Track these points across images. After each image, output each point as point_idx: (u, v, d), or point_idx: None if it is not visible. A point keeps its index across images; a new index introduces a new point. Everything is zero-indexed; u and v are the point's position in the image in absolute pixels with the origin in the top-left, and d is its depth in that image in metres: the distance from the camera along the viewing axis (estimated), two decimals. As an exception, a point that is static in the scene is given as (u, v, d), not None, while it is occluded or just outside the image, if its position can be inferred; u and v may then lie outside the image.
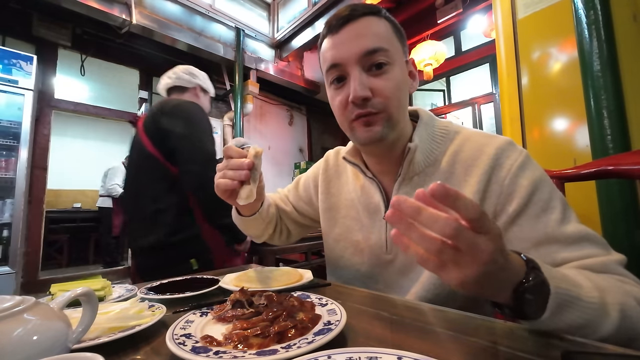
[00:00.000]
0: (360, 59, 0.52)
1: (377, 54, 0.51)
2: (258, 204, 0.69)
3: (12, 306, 0.31)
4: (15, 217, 2.54)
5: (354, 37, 0.52)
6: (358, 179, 0.68)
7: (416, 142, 0.56)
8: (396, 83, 0.53)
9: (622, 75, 0.96)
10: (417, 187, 0.57)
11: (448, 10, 3.25)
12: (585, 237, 0.45)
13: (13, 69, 2.64)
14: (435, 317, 0.44)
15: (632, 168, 0.61)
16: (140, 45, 3.91)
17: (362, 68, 0.52)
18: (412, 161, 0.57)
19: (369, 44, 0.51)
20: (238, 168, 0.53)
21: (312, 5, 3.55)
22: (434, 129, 0.60)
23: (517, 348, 0.33)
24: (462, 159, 0.55)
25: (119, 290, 0.65)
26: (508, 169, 0.51)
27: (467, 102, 3.99)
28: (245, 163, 0.53)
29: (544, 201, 0.48)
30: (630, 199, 0.90)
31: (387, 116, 0.53)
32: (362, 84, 0.51)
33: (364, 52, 0.51)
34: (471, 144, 0.56)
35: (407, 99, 0.57)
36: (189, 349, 0.34)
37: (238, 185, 0.54)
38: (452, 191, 0.27)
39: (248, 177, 0.53)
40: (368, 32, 0.52)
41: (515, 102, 1.28)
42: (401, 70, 0.55)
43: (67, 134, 5.28)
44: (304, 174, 0.84)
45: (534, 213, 0.48)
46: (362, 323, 0.42)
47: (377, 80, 0.52)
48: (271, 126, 4.74)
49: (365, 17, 0.53)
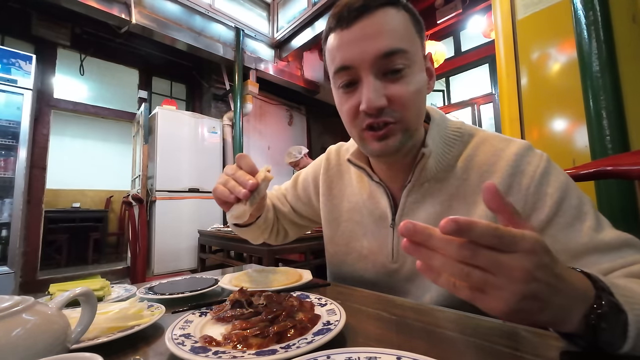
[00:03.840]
0: (375, 62, 0.45)
1: (396, 56, 0.44)
2: (255, 216, 0.65)
3: (10, 306, 0.30)
4: (14, 217, 2.54)
5: (369, 36, 0.44)
6: (363, 182, 0.64)
7: (430, 147, 0.51)
8: (416, 89, 0.46)
9: (621, 76, 0.97)
10: (427, 194, 0.54)
11: (448, 11, 3.25)
12: (625, 243, 0.41)
13: (12, 69, 2.64)
14: (435, 317, 0.44)
15: (631, 168, 0.60)
16: (140, 45, 3.92)
17: (377, 72, 0.45)
18: (424, 167, 0.52)
19: (387, 45, 0.44)
20: (241, 183, 0.49)
21: (312, 5, 3.55)
22: (446, 130, 0.54)
23: (516, 348, 0.33)
24: (476, 164, 0.51)
25: (118, 290, 0.65)
26: (531, 176, 0.46)
27: (467, 102, 4.00)
28: (250, 183, 0.48)
29: (575, 208, 0.44)
30: (629, 199, 0.91)
31: (405, 127, 0.47)
32: (376, 91, 0.45)
33: (381, 55, 0.44)
34: (487, 147, 0.51)
35: (425, 104, 0.50)
36: (188, 349, 0.34)
37: (234, 199, 0.50)
38: (464, 225, 0.23)
39: (247, 197, 0.49)
40: (385, 29, 0.44)
41: (514, 102, 1.28)
42: (420, 71, 0.48)
43: (66, 134, 5.27)
44: (303, 171, 0.79)
45: (566, 222, 0.44)
46: (362, 323, 0.42)
47: (395, 86, 0.45)
48: (271, 126, 4.74)
49: (382, 10, 0.45)
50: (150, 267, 3.21)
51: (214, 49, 3.59)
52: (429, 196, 0.54)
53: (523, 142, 0.50)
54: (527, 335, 0.36)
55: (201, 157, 3.71)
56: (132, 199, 1.96)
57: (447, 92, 4.39)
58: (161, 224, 3.29)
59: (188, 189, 3.56)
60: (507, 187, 0.48)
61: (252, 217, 0.65)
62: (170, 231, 3.34)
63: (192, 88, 4.69)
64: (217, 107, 4.24)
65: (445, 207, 0.52)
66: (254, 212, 0.62)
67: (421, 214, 0.54)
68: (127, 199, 2.09)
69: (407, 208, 0.56)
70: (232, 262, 2.46)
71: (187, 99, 4.69)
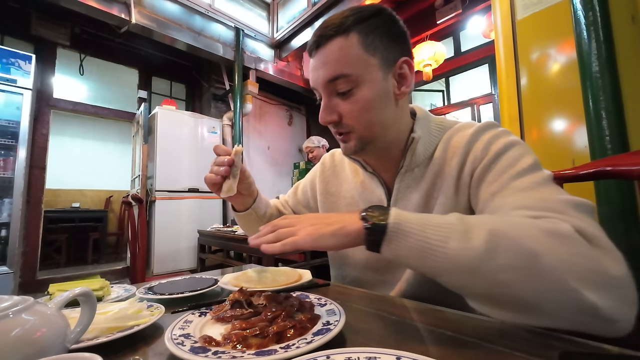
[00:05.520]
0: (326, 86, 0.54)
1: (339, 80, 0.52)
2: (249, 200, 0.71)
3: (10, 306, 0.30)
4: (13, 217, 2.54)
5: (320, 65, 0.53)
6: (358, 176, 0.68)
7: (418, 133, 0.57)
8: (364, 105, 0.53)
9: (620, 76, 0.97)
10: (417, 179, 0.58)
11: (447, 11, 3.25)
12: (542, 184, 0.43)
13: (12, 68, 2.64)
14: (434, 317, 0.44)
15: (631, 169, 0.61)
16: (140, 44, 3.92)
17: (331, 93, 0.54)
18: (414, 152, 0.58)
19: (330, 73, 0.52)
20: (220, 164, 0.59)
21: (312, 5, 3.55)
22: (430, 124, 0.61)
23: (515, 348, 0.33)
24: (452, 145, 0.57)
25: (117, 290, 0.65)
26: (482, 140, 0.53)
27: (466, 102, 4.00)
28: (226, 159, 0.59)
29: (513, 158, 0.47)
30: (628, 199, 0.91)
31: (358, 136, 0.55)
32: (327, 109, 0.55)
33: (326, 81, 0.53)
34: (460, 132, 0.58)
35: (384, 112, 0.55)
36: (187, 349, 0.34)
37: (221, 179, 0.60)
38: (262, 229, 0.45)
39: (228, 172, 0.59)
40: (330, 59, 0.52)
41: (514, 102, 1.28)
42: (373, 87, 0.53)
43: (65, 134, 5.26)
44: (302, 180, 0.85)
45: (500, 168, 0.48)
46: (361, 323, 0.42)
47: (344, 104, 0.54)
48: (270, 126, 4.74)
49: (331, 42, 0.52)
50: (150, 267, 3.20)
51: (213, 48, 3.59)
52: (418, 180, 0.59)
53: (485, 122, 0.56)
54: (527, 335, 0.36)
55: (201, 157, 3.71)
56: (132, 199, 1.96)
57: (446, 92, 4.39)
58: (161, 224, 3.28)
59: (188, 189, 3.55)
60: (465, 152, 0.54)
61: (249, 199, 0.72)
62: (169, 231, 3.34)
63: (191, 88, 4.68)
64: (216, 107, 4.24)
65: (431, 185, 0.57)
66: (244, 191, 0.69)
67: (413, 197, 0.59)
68: (126, 199, 2.09)
69: (401, 193, 0.60)
70: (231, 262, 2.46)
71: (186, 99, 4.69)
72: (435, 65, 3.34)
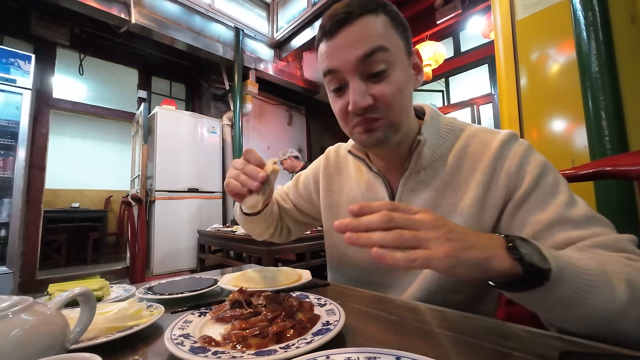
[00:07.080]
0: (358, 65, 0.49)
1: (376, 55, 0.48)
2: (264, 204, 0.70)
3: (9, 306, 0.30)
4: (12, 217, 2.54)
5: (350, 43, 0.49)
6: (362, 175, 0.67)
7: (425, 135, 0.55)
8: (398, 86, 0.50)
9: (620, 77, 0.97)
10: (422, 182, 0.57)
11: (447, 11, 3.26)
12: (595, 218, 0.45)
13: (11, 68, 2.64)
14: (434, 318, 0.44)
15: (630, 169, 0.61)
16: (139, 44, 3.91)
17: (362, 75, 0.50)
18: (420, 154, 0.56)
19: (367, 47, 0.48)
20: (252, 177, 0.53)
21: (312, 5, 3.55)
22: (439, 124, 0.59)
23: (515, 348, 0.33)
24: (468, 155, 0.56)
25: (117, 290, 0.65)
26: (512, 158, 0.52)
27: (466, 102, 4.00)
28: (260, 176, 0.53)
29: (551, 185, 0.48)
30: (628, 199, 0.91)
31: (389, 122, 0.52)
32: (361, 93, 0.49)
33: (362, 57, 0.48)
34: (477, 139, 0.56)
35: (410, 99, 0.54)
36: (187, 349, 0.34)
37: (247, 192, 0.54)
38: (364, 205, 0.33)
39: (259, 189, 0.53)
40: (365, 35, 0.48)
41: (514, 102, 1.28)
42: (403, 69, 0.52)
43: (65, 134, 5.25)
44: (303, 172, 0.83)
45: (542, 196, 0.48)
46: (361, 323, 0.42)
47: (378, 86, 0.49)
48: (270, 126, 4.74)
49: (361, 19, 0.49)
50: (150, 267, 3.20)
51: (213, 48, 3.59)
52: (424, 184, 0.57)
53: (507, 131, 0.55)
54: (527, 335, 0.36)
55: (200, 157, 3.71)
56: (132, 199, 1.96)
57: (446, 92, 4.39)
58: (160, 224, 3.28)
59: (187, 189, 3.55)
60: (491, 170, 0.52)
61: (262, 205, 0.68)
62: (169, 231, 3.34)
63: (191, 88, 4.68)
64: (216, 107, 4.24)
65: (440, 194, 0.56)
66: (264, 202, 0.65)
67: (417, 201, 0.58)
68: (126, 199, 2.09)
69: (404, 196, 0.59)
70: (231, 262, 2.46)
71: (186, 99, 4.69)
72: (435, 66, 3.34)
